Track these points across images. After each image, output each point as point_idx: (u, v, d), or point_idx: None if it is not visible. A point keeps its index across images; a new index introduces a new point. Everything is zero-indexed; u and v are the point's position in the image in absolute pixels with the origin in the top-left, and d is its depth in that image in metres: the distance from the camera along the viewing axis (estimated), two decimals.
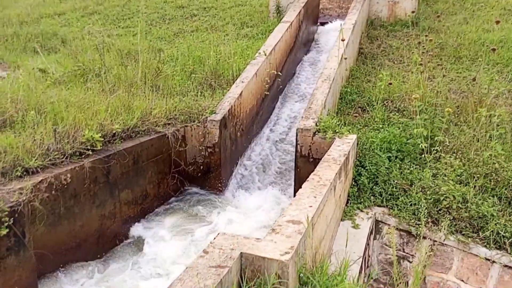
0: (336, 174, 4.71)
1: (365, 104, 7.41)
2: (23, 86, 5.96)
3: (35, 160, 4.40)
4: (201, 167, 6.55)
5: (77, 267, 4.69)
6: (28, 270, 4.07)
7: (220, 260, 3.06)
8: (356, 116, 7.10)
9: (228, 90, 7.09)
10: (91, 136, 4.93)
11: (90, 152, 4.88)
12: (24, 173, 4.30)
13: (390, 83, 7.32)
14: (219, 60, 8.27)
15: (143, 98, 6.46)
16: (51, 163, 4.51)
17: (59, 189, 4.43)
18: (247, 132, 7.39)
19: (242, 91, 7.00)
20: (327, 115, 6.54)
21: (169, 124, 6.28)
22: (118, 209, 5.31)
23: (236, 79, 7.37)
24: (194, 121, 6.43)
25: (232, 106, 6.66)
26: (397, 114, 6.84)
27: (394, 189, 5.38)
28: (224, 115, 6.42)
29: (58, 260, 4.55)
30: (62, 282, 4.45)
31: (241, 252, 3.15)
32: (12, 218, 3.81)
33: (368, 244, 4.89)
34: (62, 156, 4.64)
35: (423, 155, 5.75)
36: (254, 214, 5.98)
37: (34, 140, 4.66)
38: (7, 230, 3.77)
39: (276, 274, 3.02)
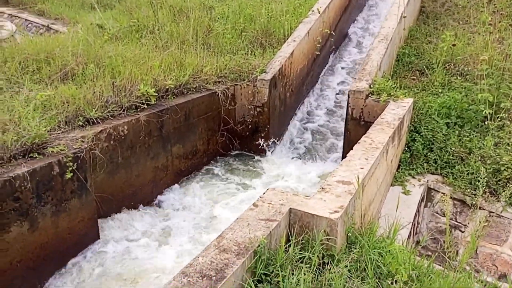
0: (389, 138, 4.56)
1: (424, 66, 6.98)
2: (82, 40, 6.19)
3: (95, 111, 4.62)
4: (249, 126, 6.59)
5: (132, 212, 5.00)
6: (90, 212, 4.39)
7: (269, 214, 3.11)
8: (413, 79, 6.72)
9: (279, 49, 6.94)
10: (146, 90, 5.07)
11: (145, 106, 5.05)
12: (85, 123, 4.55)
13: (454, 45, 6.81)
14: (271, 18, 8.05)
15: (195, 56, 6.50)
16: (110, 115, 4.72)
17: (117, 140, 4.65)
18: (297, 93, 7.27)
19: (293, 51, 6.82)
20: (382, 77, 6.25)
21: (219, 82, 6.31)
22: (170, 162, 5.52)
23: (288, 38, 7.18)
24: (244, 80, 6.41)
25: (282, 65, 6.54)
26: (459, 78, 6.40)
27: (451, 157, 5.14)
28: (274, 75, 6.34)
29: (116, 205, 4.86)
30: (119, 224, 4.77)
31: (290, 208, 3.18)
32: (76, 164, 4.08)
33: (418, 211, 4.76)
34: (119, 109, 4.83)
35: (485, 123, 5.39)
36: (295, 177, 5.99)
37: (94, 92, 4.87)
38: (71, 174, 4.05)
39: (324, 231, 3.03)
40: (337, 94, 7.92)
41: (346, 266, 2.87)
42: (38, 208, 3.86)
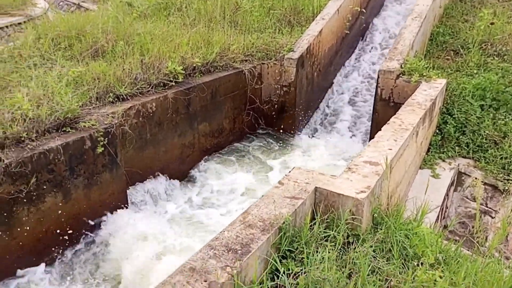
0: (420, 119, 4.43)
1: (459, 46, 6.69)
2: (112, 18, 6.26)
3: (125, 87, 4.70)
4: (276, 106, 6.55)
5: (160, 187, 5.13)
6: (120, 186, 4.53)
7: (295, 192, 3.12)
8: (447, 60, 6.47)
9: (307, 27, 6.79)
10: (174, 68, 5.10)
11: (173, 84, 5.09)
12: (115, 99, 4.63)
13: (492, 23, 6.48)
14: None
15: (222, 34, 6.46)
16: (139, 92, 4.80)
17: (145, 116, 4.73)
18: (325, 72, 7.14)
19: (322, 29, 6.67)
20: (414, 56, 6.04)
21: (246, 60, 6.26)
22: (196, 140, 5.58)
23: (317, 16, 7.01)
24: (271, 59, 6.34)
25: (310, 44, 6.41)
26: (496, 58, 6.11)
27: (484, 141, 4.96)
28: (301, 54, 6.23)
29: (144, 181, 4.97)
30: (148, 198, 4.91)
31: (315, 187, 3.17)
32: (106, 139, 4.19)
33: (447, 195, 4.66)
34: (148, 86, 4.89)
35: None
36: (321, 159, 5.95)
37: (123, 69, 4.94)
38: (102, 149, 4.17)
39: (350, 211, 3.02)
40: None
41: (371, 246, 2.86)
42: (71, 180, 4.01)
